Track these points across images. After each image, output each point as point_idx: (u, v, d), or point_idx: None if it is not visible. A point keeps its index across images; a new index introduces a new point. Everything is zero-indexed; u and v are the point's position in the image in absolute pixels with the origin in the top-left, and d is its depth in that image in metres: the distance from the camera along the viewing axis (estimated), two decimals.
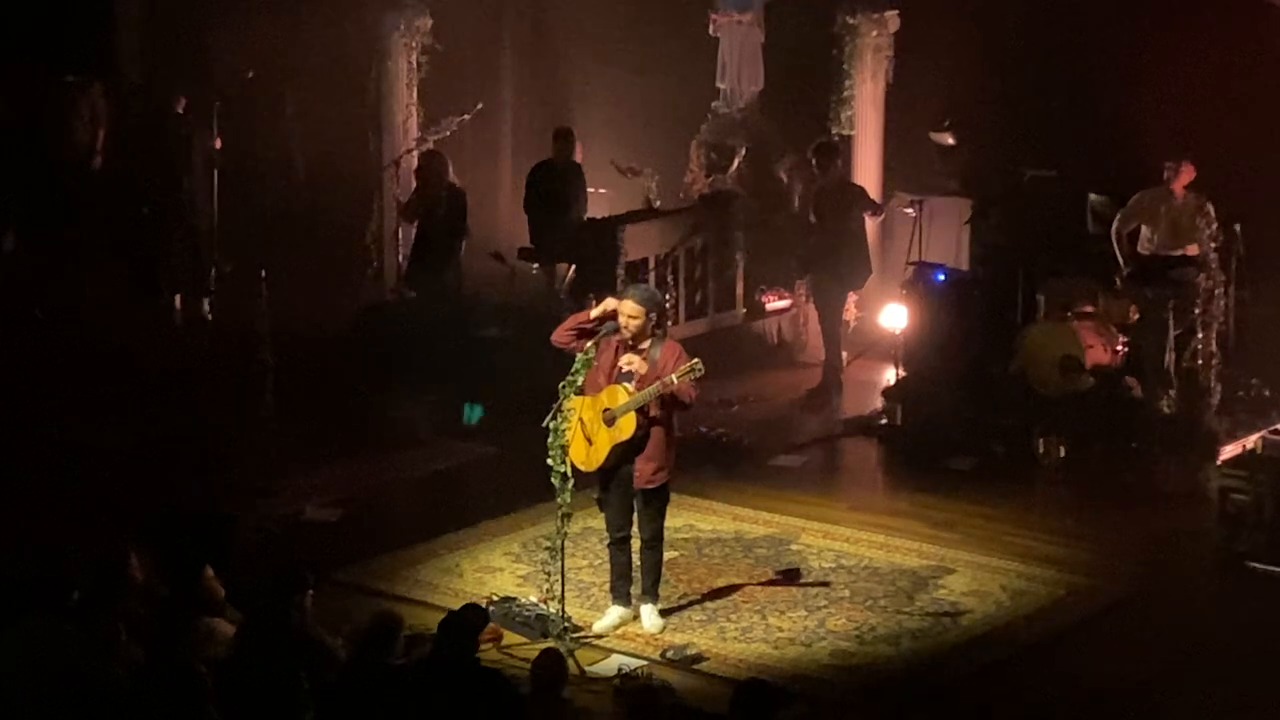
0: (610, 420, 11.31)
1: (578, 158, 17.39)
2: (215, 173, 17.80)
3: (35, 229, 17.74)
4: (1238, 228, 15.65)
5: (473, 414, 15.24)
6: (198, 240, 17.87)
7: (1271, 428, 13.89)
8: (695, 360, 11.22)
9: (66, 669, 9.35)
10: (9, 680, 9.45)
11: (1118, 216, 15.95)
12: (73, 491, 13.59)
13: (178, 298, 17.84)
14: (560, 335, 11.57)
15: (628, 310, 11.32)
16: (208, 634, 10.06)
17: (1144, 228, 15.89)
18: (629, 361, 11.30)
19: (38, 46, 17.95)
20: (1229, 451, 14.17)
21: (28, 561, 10.73)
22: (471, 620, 9.91)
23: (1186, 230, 15.70)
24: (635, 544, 11.74)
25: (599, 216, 17.46)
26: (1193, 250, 15.69)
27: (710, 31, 18.97)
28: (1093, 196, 16.87)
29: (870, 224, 17.05)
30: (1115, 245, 15.88)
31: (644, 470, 11.45)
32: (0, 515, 12.94)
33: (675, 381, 11.14)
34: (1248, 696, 10.92)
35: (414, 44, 18.36)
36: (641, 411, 11.27)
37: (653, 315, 11.40)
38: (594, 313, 11.52)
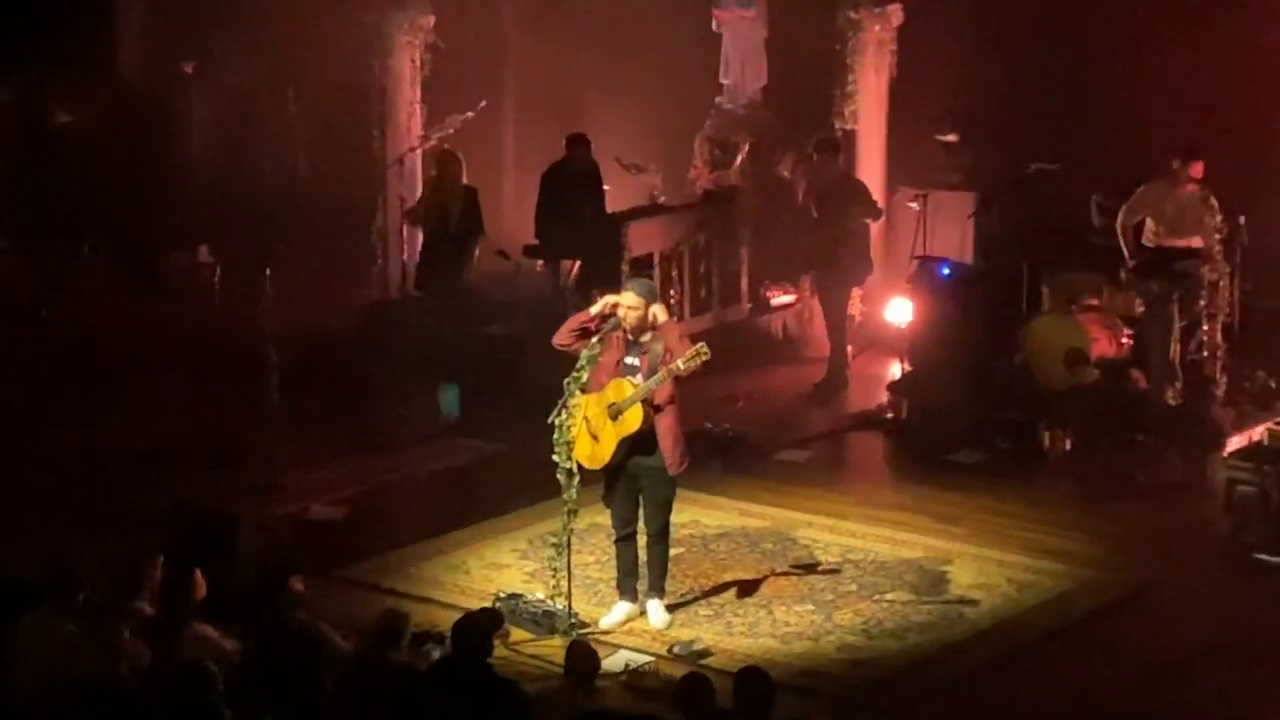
0: (616, 414, 11.30)
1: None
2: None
3: (25, 227, 17.75)
4: (1242, 220, 15.65)
5: (450, 401, 14.96)
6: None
7: (1277, 419, 13.90)
8: (700, 344, 11.19)
9: (68, 668, 9.35)
10: (10, 678, 9.46)
11: (1123, 209, 15.89)
12: (77, 490, 13.60)
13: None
14: (562, 336, 11.54)
15: (627, 301, 11.33)
16: (195, 638, 10.01)
17: (1149, 220, 15.84)
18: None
19: (40, 47, 17.98)
20: (1235, 443, 14.12)
21: (33, 561, 10.72)
22: (486, 623, 9.88)
23: (1191, 222, 15.65)
24: (641, 540, 11.75)
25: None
26: (1197, 242, 15.64)
27: (713, 27, 18.97)
28: (1095, 197, 16.86)
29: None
30: (1120, 238, 15.86)
31: (673, 456, 11.40)
32: (6, 515, 12.96)
33: (683, 367, 11.12)
34: (1255, 688, 10.90)
35: (417, 42, 18.34)
36: (647, 402, 11.27)
37: (652, 307, 11.39)
38: (594, 310, 11.50)
